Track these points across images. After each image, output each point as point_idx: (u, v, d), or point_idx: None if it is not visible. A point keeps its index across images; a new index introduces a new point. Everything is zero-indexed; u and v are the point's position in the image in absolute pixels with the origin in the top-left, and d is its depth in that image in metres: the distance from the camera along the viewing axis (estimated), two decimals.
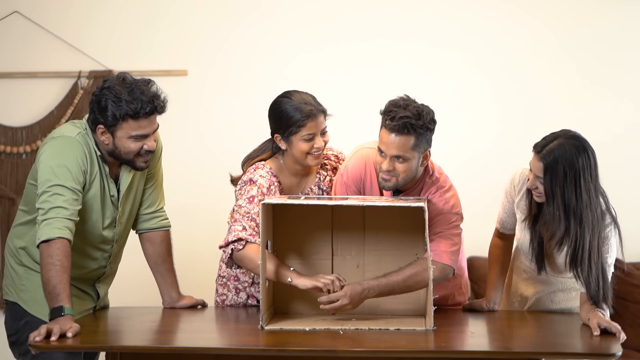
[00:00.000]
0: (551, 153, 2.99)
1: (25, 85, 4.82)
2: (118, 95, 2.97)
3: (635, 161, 4.72)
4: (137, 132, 3.01)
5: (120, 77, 3.03)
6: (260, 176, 3.23)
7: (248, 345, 2.85)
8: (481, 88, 4.75)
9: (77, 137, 3.05)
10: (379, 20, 4.76)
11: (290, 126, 3.20)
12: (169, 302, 3.36)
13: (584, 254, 3.02)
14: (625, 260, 4.68)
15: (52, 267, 2.85)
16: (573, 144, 3.00)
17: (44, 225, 2.90)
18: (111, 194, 3.12)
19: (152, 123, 3.03)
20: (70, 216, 2.94)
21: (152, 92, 3.01)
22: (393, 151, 3.06)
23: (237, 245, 3.14)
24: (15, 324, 3.14)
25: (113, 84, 3.00)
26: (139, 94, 2.98)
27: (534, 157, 3.03)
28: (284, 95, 3.26)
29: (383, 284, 3.06)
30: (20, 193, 4.78)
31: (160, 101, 3.03)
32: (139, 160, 3.07)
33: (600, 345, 2.85)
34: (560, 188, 2.99)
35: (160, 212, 3.34)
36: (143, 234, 3.34)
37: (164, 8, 4.81)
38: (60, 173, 2.97)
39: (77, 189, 2.98)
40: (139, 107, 2.97)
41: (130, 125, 2.99)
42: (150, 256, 3.35)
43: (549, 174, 2.99)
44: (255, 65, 4.80)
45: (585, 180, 3.00)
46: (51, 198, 2.94)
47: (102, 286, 3.27)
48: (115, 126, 3.00)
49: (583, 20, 4.72)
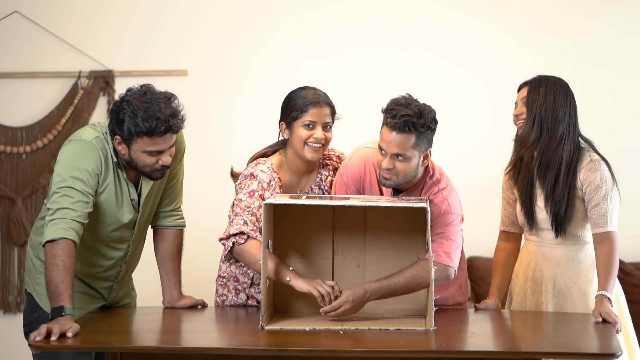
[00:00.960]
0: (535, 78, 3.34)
1: (25, 85, 4.83)
2: (135, 111, 2.96)
3: (634, 163, 4.72)
4: (152, 149, 3.01)
5: (142, 90, 3.02)
6: (261, 171, 3.24)
7: (248, 345, 2.85)
8: (480, 91, 4.76)
9: (93, 141, 3.06)
10: (379, 26, 4.77)
11: (293, 111, 3.23)
12: (169, 301, 3.36)
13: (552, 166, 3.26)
14: (626, 260, 4.72)
15: (55, 267, 2.87)
16: (555, 78, 3.33)
17: (50, 225, 2.93)
18: (131, 198, 3.14)
19: (167, 141, 3.02)
20: (77, 218, 2.95)
21: (170, 111, 2.99)
22: (393, 149, 3.06)
23: (239, 239, 3.14)
24: (29, 315, 3.18)
25: (133, 97, 2.99)
26: (157, 111, 2.96)
27: (520, 91, 3.34)
28: (298, 88, 3.30)
29: (385, 286, 3.06)
30: (20, 193, 4.79)
31: (177, 120, 3.01)
32: (155, 173, 3.08)
33: (600, 345, 2.85)
34: (539, 103, 3.27)
35: (177, 211, 3.36)
36: (157, 230, 3.36)
37: (164, 8, 4.81)
38: (72, 175, 2.99)
39: (88, 191, 3.00)
40: (153, 125, 2.96)
41: (144, 141, 3.00)
42: (160, 251, 3.36)
43: (533, 92, 3.29)
44: (255, 66, 4.80)
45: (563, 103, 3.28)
46: (60, 199, 2.96)
47: (119, 286, 3.29)
48: (131, 140, 3.01)
49: (581, 22, 4.73)
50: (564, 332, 3.03)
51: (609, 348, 2.74)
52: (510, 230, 3.42)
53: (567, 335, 3.01)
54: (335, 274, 3.20)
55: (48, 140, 4.81)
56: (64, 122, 4.79)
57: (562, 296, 3.32)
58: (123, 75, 4.80)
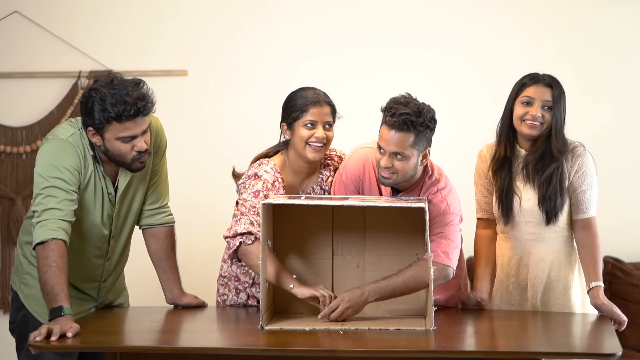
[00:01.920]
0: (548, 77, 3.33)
1: (25, 85, 4.82)
2: (103, 97, 2.96)
3: (631, 164, 4.72)
4: (124, 134, 2.99)
5: (109, 78, 3.03)
6: (265, 171, 3.24)
7: (248, 345, 2.85)
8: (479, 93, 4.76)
9: (69, 138, 3.06)
10: (379, 27, 4.76)
11: (294, 112, 3.24)
12: (171, 299, 3.36)
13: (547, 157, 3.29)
14: (626, 260, 4.72)
15: (49, 269, 2.86)
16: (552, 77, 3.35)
17: (39, 227, 2.92)
18: (108, 192, 3.13)
19: (138, 124, 3.00)
20: (64, 217, 2.95)
21: (138, 94, 2.99)
22: (392, 148, 3.07)
23: (247, 240, 3.14)
24: (14, 313, 3.19)
25: (100, 85, 3.00)
26: (124, 95, 2.96)
27: (537, 86, 3.31)
28: (298, 89, 3.31)
29: (383, 287, 3.06)
30: (20, 193, 4.78)
31: (146, 102, 3.00)
32: (134, 163, 3.06)
33: (600, 345, 2.86)
34: (561, 116, 3.31)
35: (164, 208, 3.34)
36: (147, 230, 3.34)
37: (164, 8, 4.81)
38: (52, 175, 2.98)
39: (71, 189, 2.99)
40: (121, 109, 2.95)
41: (115, 127, 2.98)
42: (154, 252, 3.35)
43: (557, 103, 3.29)
44: (256, 66, 4.80)
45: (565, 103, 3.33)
46: (44, 200, 2.95)
47: (107, 285, 3.28)
48: (103, 128, 2.99)
49: (580, 25, 4.72)
50: (564, 332, 3.03)
51: (609, 348, 2.74)
52: (490, 217, 3.44)
53: (567, 335, 3.01)
54: (334, 274, 3.21)
55: None
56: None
57: (547, 291, 3.33)
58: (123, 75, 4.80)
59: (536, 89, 3.31)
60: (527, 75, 3.37)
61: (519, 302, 3.37)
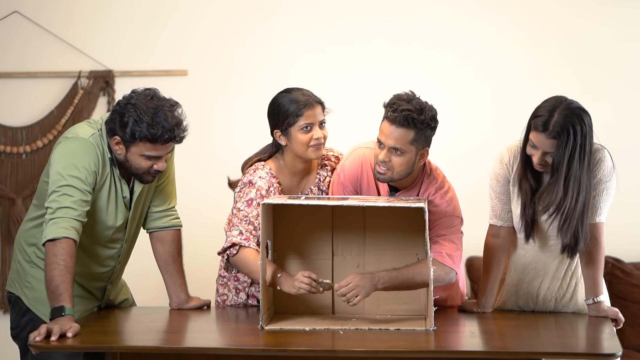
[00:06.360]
0: (558, 127, 3.01)
1: (25, 85, 4.82)
2: (141, 115, 2.96)
3: (633, 165, 4.71)
4: (150, 153, 3.01)
5: (149, 94, 3.02)
6: (260, 177, 3.23)
7: (248, 345, 2.85)
8: (481, 91, 4.76)
9: (90, 138, 3.05)
10: (380, 23, 4.76)
11: (287, 118, 3.21)
12: (177, 303, 3.34)
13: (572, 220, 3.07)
14: (626, 260, 4.72)
15: (56, 267, 2.86)
16: (574, 112, 3.04)
17: (51, 224, 2.92)
18: (124, 195, 3.13)
19: (167, 148, 3.04)
20: (77, 217, 2.95)
21: (177, 120, 3.01)
22: (391, 142, 3.07)
23: (232, 251, 3.14)
24: (16, 319, 3.15)
25: (139, 101, 2.99)
26: (162, 119, 2.97)
27: (540, 135, 3.02)
28: (281, 92, 3.29)
29: (394, 276, 3.05)
30: (20, 193, 4.78)
31: (181, 130, 3.02)
32: (146, 176, 3.08)
33: (600, 345, 2.85)
34: (568, 157, 3.02)
35: (171, 210, 3.33)
36: (153, 233, 3.32)
37: (164, 8, 4.81)
38: (71, 174, 2.98)
39: (87, 190, 2.99)
40: (158, 133, 2.97)
41: (146, 146, 3.00)
42: (161, 256, 3.33)
43: (560, 147, 3.01)
44: (255, 65, 4.80)
45: (589, 142, 3.06)
46: (60, 198, 2.95)
47: (112, 286, 3.28)
48: (131, 143, 3.00)
49: (582, 24, 4.72)
50: (563, 332, 3.03)
51: (609, 348, 2.75)
52: (503, 225, 3.24)
53: (567, 335, 3.01)
54: (334, 274, 3.20)
55: (48, 140, 4.81)
56: (64, 122, 4.79)
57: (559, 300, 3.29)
58: (123, 75, 4.80)
59: (541, 139, 3.03)
60: (540, 116, 3.04)
61: (525, 305, 3.34)
